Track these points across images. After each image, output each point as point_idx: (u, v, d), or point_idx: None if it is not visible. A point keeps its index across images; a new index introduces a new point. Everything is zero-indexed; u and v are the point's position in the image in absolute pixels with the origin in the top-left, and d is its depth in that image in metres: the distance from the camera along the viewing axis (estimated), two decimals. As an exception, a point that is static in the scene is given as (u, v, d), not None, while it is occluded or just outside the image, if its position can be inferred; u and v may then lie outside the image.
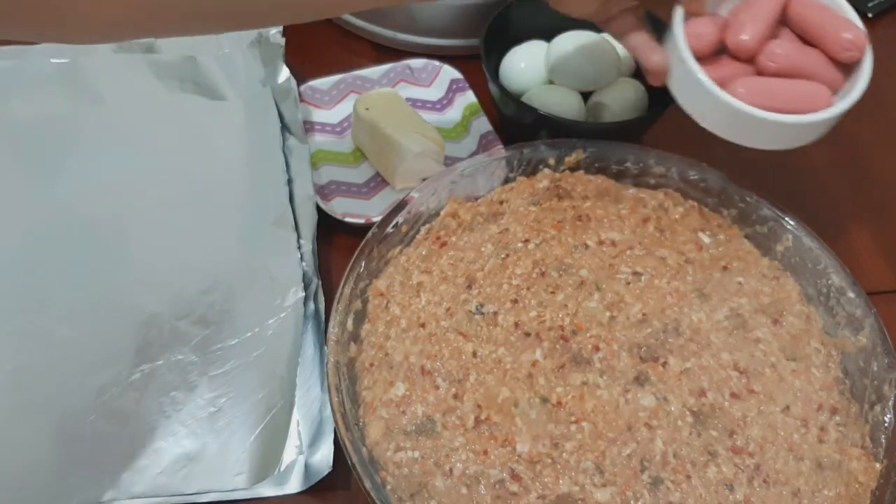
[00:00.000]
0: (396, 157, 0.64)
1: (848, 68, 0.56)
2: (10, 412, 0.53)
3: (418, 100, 0.73)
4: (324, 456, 0.52)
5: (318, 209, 0.63)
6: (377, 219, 0.57)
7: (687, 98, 0.55)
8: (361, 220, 0.62)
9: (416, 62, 0.74)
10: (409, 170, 0.64)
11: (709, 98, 0.53)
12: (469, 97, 0.71)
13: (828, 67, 0.56)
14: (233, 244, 0.62)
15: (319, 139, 0.70)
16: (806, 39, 0.56)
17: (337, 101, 0.72)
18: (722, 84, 0.53)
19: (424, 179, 0.63)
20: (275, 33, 0.73)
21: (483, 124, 0.69)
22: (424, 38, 0.76)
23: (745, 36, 0.54)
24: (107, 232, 0.62)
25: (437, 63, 0.74)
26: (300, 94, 0.70)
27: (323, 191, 0.66)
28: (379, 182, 0.67)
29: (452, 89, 0.73)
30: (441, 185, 0.59)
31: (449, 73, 0.73)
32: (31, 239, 0.61)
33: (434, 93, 0.73)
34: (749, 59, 0.55)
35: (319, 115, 0.71)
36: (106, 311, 0.58)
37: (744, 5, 0.56)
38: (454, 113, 0.72)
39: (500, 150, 0.62)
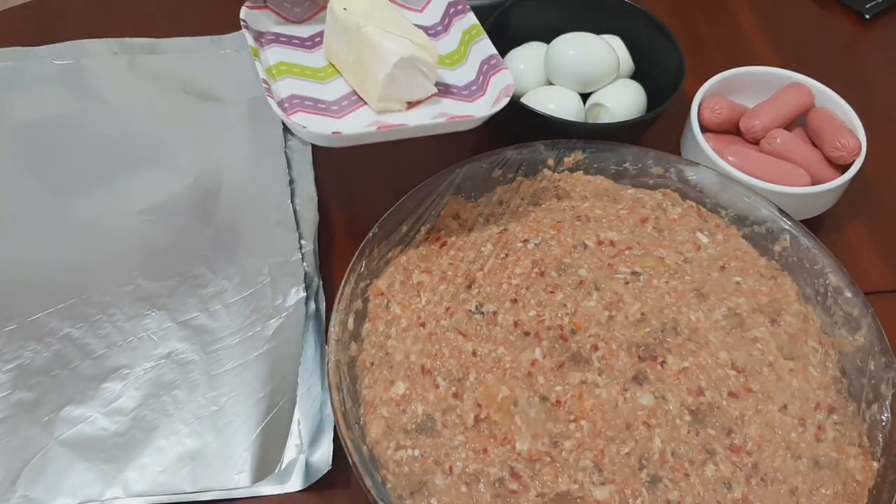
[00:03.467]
0: (378, 64, 0.52)
1: (843, 170, 0.64)
2: (12, 410, 0.53)
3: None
4: (324, 454, 0.52)
5: (323, 198, 0.62)
6: (348, 130, 0.50)
7: (691, 154, 0.66)
8: (327, 132, 0.50)
9: None
10: (393, 81, 0.52)
11: (704, 155, 0.63)
12: (469, 20, 0.60)
13: (821, 163, 0.65)
14: (235, 244, 0.62)
15: (283, 51, 0.58)
16: (814, 141, 0.67)
17: (309, 14, 0.61)
18: (719, 151, 0.64)
19: (410, 104, 0.54)
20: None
21: (484, 48, 0.59)
22: (424, 39, 0.76)
23: (757, 121, 0.66)
24: (108, 232, 0.62)
25: None
26: (264, 1, 0.60)
27: (282, 104, 0.54)
28: (354, 101, 0.56)
29: (449, 13, 0.62)
30: (441, 185, 0.59)
31: None
32: (31, 238, 0.62)
33: (428, 17, 0.63)
34: (755, 142, 0.67)
35: (287, 29, 0.60)
36: (107, 310, 0.58)
37: (765, 102, 0.68)
38: (451, 39, 0.61)
39: (500, 150, 0.62)
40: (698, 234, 0.59)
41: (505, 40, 0.71)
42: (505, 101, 0.54)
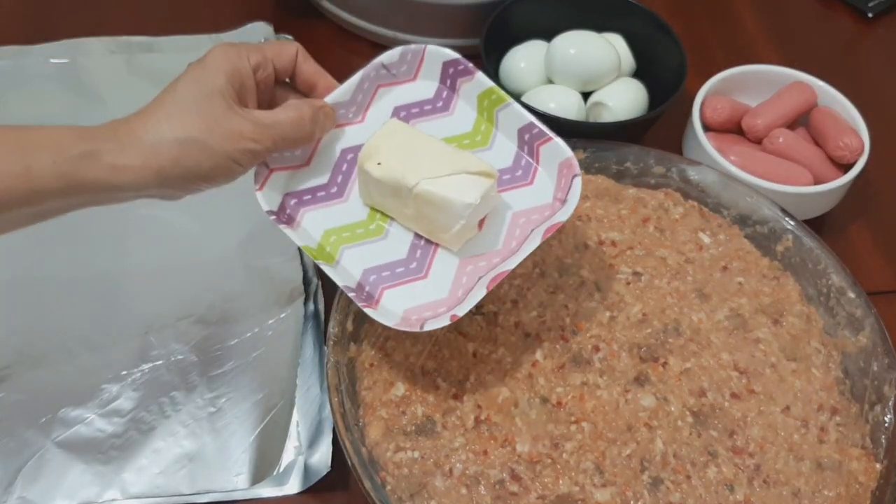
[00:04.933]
0: (450, 218, 0.47)
1: (845, 170, 0.64)
2: (9, 411, 0.53)
3: (413, 105, 0.54)
4: (322, 456, 0.51)
5: None
6: (461, 311, 0.46)
7: (692, 154, 0.66)
8: (446, 321, 0.46)
9: (390, 55, 0.53)
10: (468, 225, 0.48)
11: (706, 155, 0.64)
12: (480, 83, 0.52)
13: (823, 163, 0.65)
14: (233, 245, 0.62)
15: (318, 214, 0.51)
16: (817, 140, 0.66)
17: (309, 153, 0.52)
18: (721, 150, 0.63)
19: (484, 219, 0.50)
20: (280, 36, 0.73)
21: (516, 116, 0.51)
22: (424, 37, 0.76)
23: (759, 120, 0.66)
24: (106, 233, 0.62)
25: (415, 46, 0.53)
26: (266, 166, 0.50)
27: (363, 292, 0.48)
28: (425, 248, 0.50)
29: (448, 73, 0.53)
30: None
31: (436, 54, 0.53)
32: (29, 240, 0.61)
33: (425, 87, 0.54)
34: (758, 141, 0.66)
35: (301, 180, 0.51)
36: (106, 311, 0.58)
37: (767, 101, 0.67)
38: (465, 108, 0.53)
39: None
40: (700, 235, 0.58)
41: (505, 38, 0.71)
42: (578, 187, 0.49)
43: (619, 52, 0.69)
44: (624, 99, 0.67)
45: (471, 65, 0.53)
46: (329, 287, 0.60)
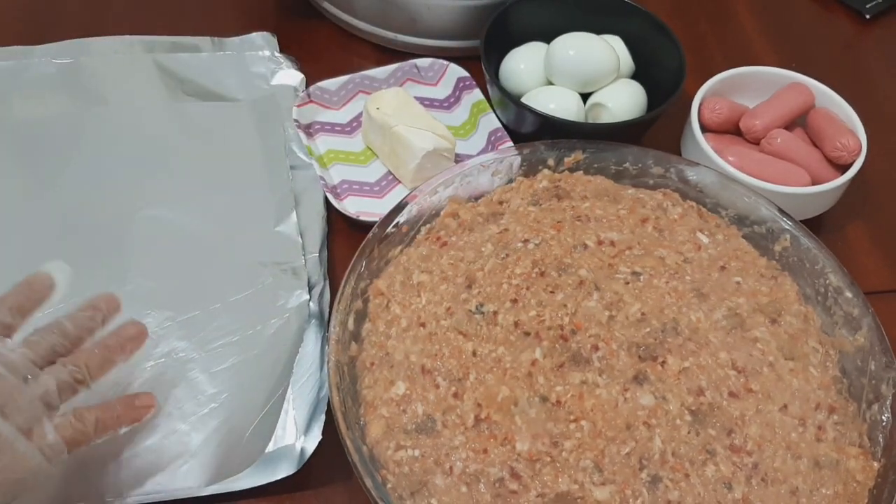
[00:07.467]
0: (408, 156, 0.64)
1: (843, 170, 0.65)
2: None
3: (426, 98, 0.72)
4: (323, 453, 0.52)
5: (332, 208, 0.63)
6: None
7: (691, 154, 0.66)
8: (376, 219, 0.59)
9: (423, 61, 0.73)
10: (421, 168, 0.64)
11: (704, 155, 0.64)
12: (476, 95, 0.72)
13: (821, 164, 0.65)
14: (235, 245, 0.62)
15: (329, 139, 0.69)
16: (814, 141, 0.67)
17: (345, 100, 0.72)
18: (719, 151, 0.64)
19: None
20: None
21: (491, 121, 0.70)
22: (425, 39, 0.76)
23: (758, 121, 0.66)
24: (108, 233, 0.62)
25: (443, 62, 0.73)
26: (308, 95, 0.70)
27: (335, 190, 0.66)
28: (391, 180, 0.67)
29: (459, 87, 0.73)
30: (441, 186, 0.59)
31: (455, 71, 0.73)
32: (31, 240, 0.62)
33: (441, 91, 0.73)
34: (756, 141, 0.67)
35: (328, 116, 0.71)
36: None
37: (765, 102, 0.68)
38: (462, 111, 0.72)
39: (502, 150, 0.63)
40: (698, 234, 0.59)
41: (505, 40, 0.71)
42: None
43: (619, 53, 0.69)
44: (623, 100, 0.67)
45: (474, 82, 0.72)
46: (330, 287, 0.60)
